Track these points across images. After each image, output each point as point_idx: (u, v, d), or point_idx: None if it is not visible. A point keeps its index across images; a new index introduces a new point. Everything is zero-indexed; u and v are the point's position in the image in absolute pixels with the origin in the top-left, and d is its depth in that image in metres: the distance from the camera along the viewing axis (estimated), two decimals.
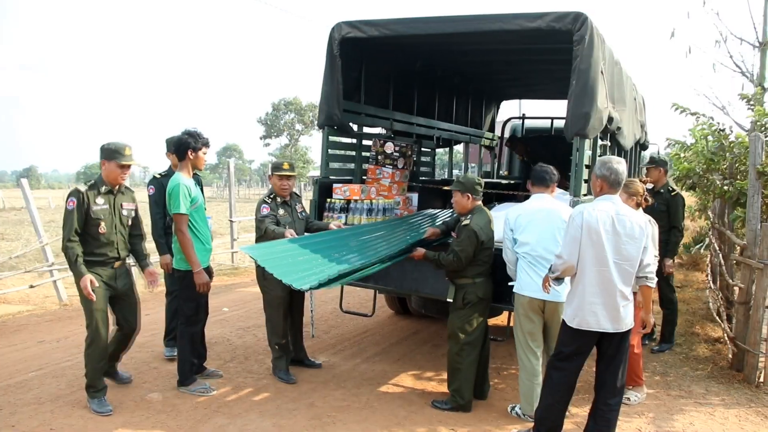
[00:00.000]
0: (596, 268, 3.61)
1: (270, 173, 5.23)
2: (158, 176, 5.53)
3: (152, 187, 5.48)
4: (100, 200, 4.39)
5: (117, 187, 4.50)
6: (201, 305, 4.91)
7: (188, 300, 4.80)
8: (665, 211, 6.05)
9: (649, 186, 6.00)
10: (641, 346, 5.04)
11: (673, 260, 6.27)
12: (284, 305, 5.14)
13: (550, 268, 3.85)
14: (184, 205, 4.58)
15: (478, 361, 4.65)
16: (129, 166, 4.49)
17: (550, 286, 3.92)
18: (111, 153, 4.40)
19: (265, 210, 5.02)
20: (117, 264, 4.50)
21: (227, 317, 7.38)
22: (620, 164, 3.73)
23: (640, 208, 4.51)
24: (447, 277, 4.62)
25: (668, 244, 6.02)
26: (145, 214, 4.96)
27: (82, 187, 4.38)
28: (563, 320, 3.80)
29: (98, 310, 4.34)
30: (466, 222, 4.47)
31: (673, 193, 6.14)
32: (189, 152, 4.71)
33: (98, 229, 4.36)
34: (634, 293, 3.80)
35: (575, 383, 3.87)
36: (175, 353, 5.16)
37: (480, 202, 4.63)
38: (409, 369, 5.58)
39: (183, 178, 4.66)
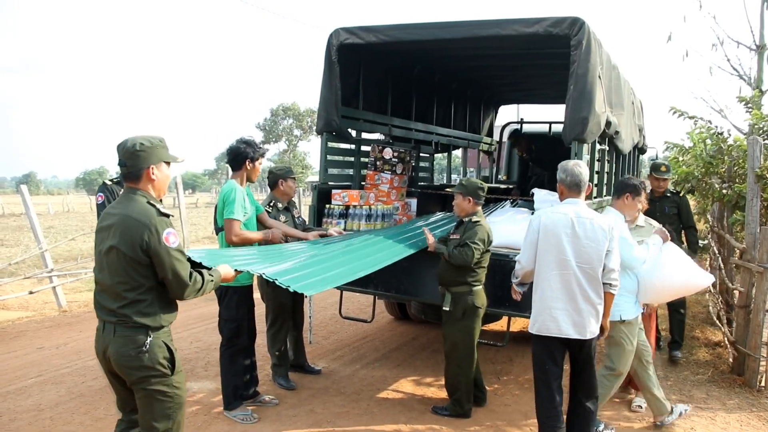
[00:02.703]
0: (557, 271, 3.57)
1: (280, 179, 5.04)
2: (109, 182, 5.04)
3: (101, 195, 4.92)
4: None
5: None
6: (242, 327, 4.46)
7: (228, 320, 4.43)
8: (677, 213, 6.10)
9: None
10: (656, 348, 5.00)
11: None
12: (289, 311, 5.16)
13: (513, 274, 3.84)
14: (240, 212, 4.22)
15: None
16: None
17: (517, 291, 3.97)
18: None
19: None
20: None
21: None
22: (577, 166, 3.73)
23: (640, 213, 4.49)
24: (440, 284, 4.56)
25: (689, 245, 6.04)
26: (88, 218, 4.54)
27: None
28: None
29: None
30: (477, 219, 4.47)
31: (680, 194, 6.18)
32: (247, 162, 4.38)
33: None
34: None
35: (560, 393, 3.74)
36: None
37: (480, 207, 4.64)
38: (409, 374, 5.58)
39: (238, 186, 4.34)
